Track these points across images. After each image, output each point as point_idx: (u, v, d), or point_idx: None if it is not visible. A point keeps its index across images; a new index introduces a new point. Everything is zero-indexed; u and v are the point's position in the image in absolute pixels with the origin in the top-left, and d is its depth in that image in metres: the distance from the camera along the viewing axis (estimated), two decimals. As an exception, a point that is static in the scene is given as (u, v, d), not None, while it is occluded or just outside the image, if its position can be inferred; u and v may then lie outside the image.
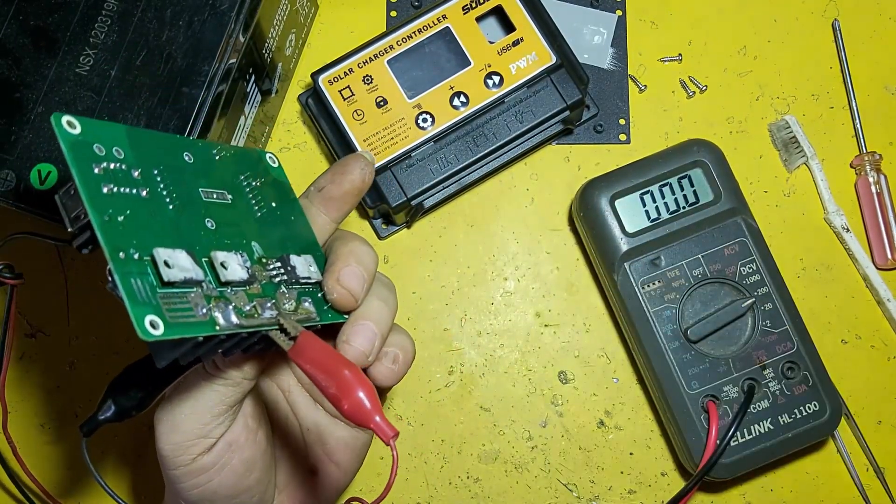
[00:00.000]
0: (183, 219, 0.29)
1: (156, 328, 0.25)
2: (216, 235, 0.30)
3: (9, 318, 0.47)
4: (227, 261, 0.29)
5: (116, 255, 0.26)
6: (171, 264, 0.27)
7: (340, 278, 0.31)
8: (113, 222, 0.26)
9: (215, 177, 0.31)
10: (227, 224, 0.31)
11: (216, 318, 0.27)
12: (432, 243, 0.53)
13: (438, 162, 0.49)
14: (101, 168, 0.27)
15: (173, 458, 0.32)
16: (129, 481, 0.51)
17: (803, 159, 0.52)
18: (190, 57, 0.40)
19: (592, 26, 0.54)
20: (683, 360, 0.47)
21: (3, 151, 0.40)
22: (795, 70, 0.54)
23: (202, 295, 0.27)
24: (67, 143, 0.26)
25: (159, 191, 0.29)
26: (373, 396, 0.28)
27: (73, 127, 0.27)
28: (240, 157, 0.33)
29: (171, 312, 0.26)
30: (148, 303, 0.25)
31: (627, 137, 0.53)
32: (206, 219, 0.30)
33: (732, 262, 0.48)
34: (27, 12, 0.41)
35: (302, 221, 0.34)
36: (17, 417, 0.51)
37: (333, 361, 0.28)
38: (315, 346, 0.29)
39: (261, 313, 0.29)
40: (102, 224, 0.26)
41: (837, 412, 0.47)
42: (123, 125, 0.29)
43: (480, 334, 0.52)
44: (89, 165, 0.27)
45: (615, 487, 0.51)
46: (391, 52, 0.49)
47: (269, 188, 0.33)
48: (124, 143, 0.28)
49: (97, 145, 0.27)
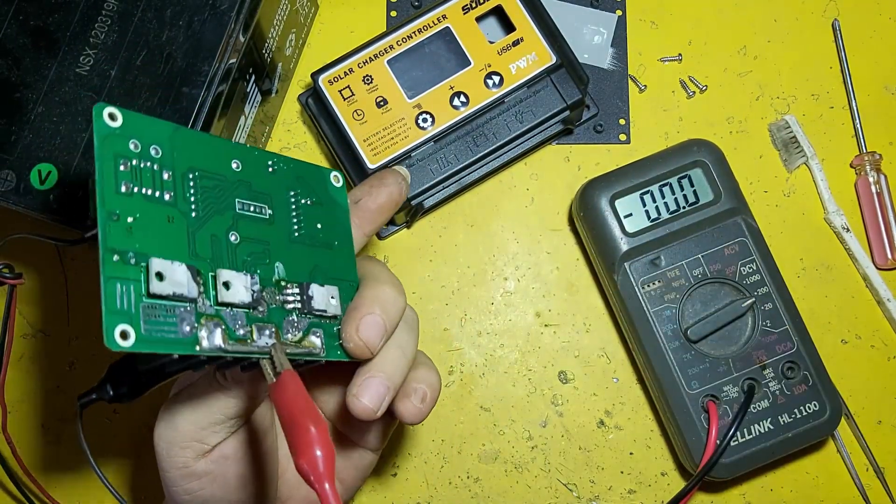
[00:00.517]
0: (203, 229, 0.28)
1: (125, 339, 0.24)
2: (236, 250, 0.29)
3: (8, 318, 0.47)
4: (231, 281, 0.28)
5: (110, 256, 0.25)
6: (164, 276, 0.26)
7: (360, 329, 0.30)
8: (120, 222, 0.26)
9: (261, 189, 0.30)
10: (254, 240, 0.30)
11: (200, 337, 0.26)
12: (432, 243, 0.53)
13: (438, 162, 0.49)
14: (127, 165, 0.26)
15: (167, 457, 0.32)
16: (129, 482, 0.51)
17: (803, 159, 0.52)
18: (190, 57, 0.40)
19: (592, 26, 0.54)
20: (683, 359, 0.47)
21: (3, 151, 0.40)
22: (795, 70, 0.54)
23: (194, 311, 0.27)
24: (100, 136, 0.26)
25: (187, 196, 0.28)
26: (329, 461, 0.26)
27: (115, 119, 0.26)
28: (299, 173, 0.32)
29: (150, 325, 0.25)
30: (126, 312, 0.25)
31: (627, 137, 0.53)
32: (230, 231, 0.29)
33: (732, 262, 0.48)
34: (27, 12, 0.41)
35: (346, 248, 0.33)
36: (17, 417, 0.51)
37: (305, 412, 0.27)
38: (293, 389, 0.27)
39: (255, 339, 0.28)
40: (106, 222, 0.25)
41: (837, 412, 0.47)
42: (172, 124, 0.28)
43: (480, 334, 0.52)
44: (115, 161, 0.26)
45: (615, 487, 0.51)
46: (391, 52, 0.49)
47: (319, 209, 0.32)
48: (165, 143, 0.27)
49: (134, 141, 0.27)
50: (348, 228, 0.34)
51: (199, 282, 0.27)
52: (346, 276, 0.33)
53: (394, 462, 0.51)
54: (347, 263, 0.33)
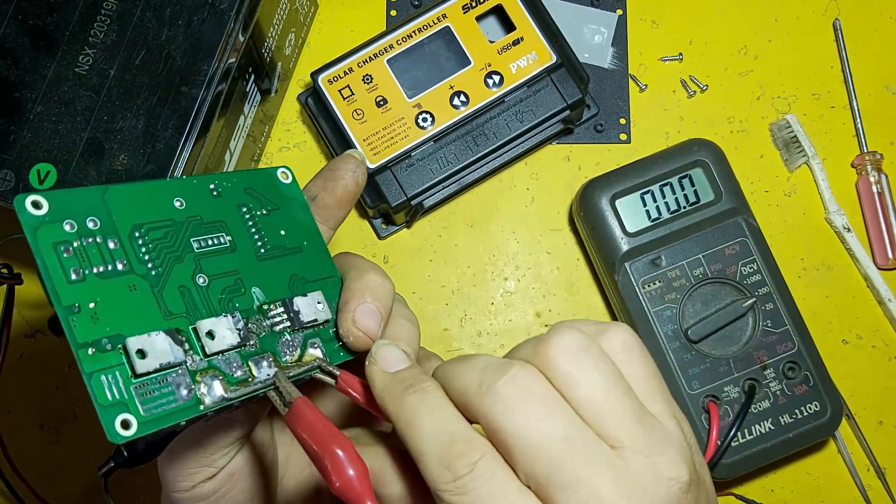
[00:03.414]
0: (168, 284, 0.27)
1: (128, 428, 0.24)
2: (208, 292, 0.28)
3: (7, 318, 0.47)
4: (214, 329, 0.27)
5: (85, 352, 0.24)
6: (146, 352, 0.25)
7: (356, 320, 0.29)
8: (83, 313, 0.24)
9: (212, 218, 0.29)
10: (223, 274, 0.28)
11: (201, 395, 0.26)
12: (432, 243, 0.52)
13: (438, 162, 0.48)
14: (69, 250, 0.25)
15: (175, 482, 0.31)
16: (130, 482, 0.51)
17: (804, 159, 0.52)
18: (189, 56, 0.40)
19: (593, 25, 0.54)
20: (684, 360, 0.47)
21: (2, 151, 0.40)
22: (796, 69, 0.54)
23: (186, 373, 0.26)
24: (31, 229, 0.24)
25: (141, 257, 0.26)
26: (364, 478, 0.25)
27: (40, 207, 0.25)
28: (246, 185, 0.31)
29: (146, 404, 0.24)
30: (120, 401, 0.24)
31: (628, 137, 0.53)
32: (196, 275, 0.28)
33: (733, 262, 0.48)
34: (26, 12, 0.41)
35: (317, 244, 0.32)
36: (17, 417, 0.51)
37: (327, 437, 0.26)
38: (309, 416, 0.27)
39: (256, 375, 0.27)
40: (68, 318, 0.24)
41: (838, 412, 0.47)
42: (100, 187, 0.26)
43: (480, 334, 0.52)
44: (55, 251, 0.24)
45: (615, 488, 0.50)
46: (391, 52, 0.49)
47: (278, 215, 0.31)
48: (100, 210, 0.26)
49: (68, 221, 0.25)
50: (312, 223, 0.32)
51: (183, 340, 0.26)
52: (326, 273, 0.32)
53: (394, 462, 0.51)
54: (323, 259, 0.32)
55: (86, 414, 0.52)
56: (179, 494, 0.32)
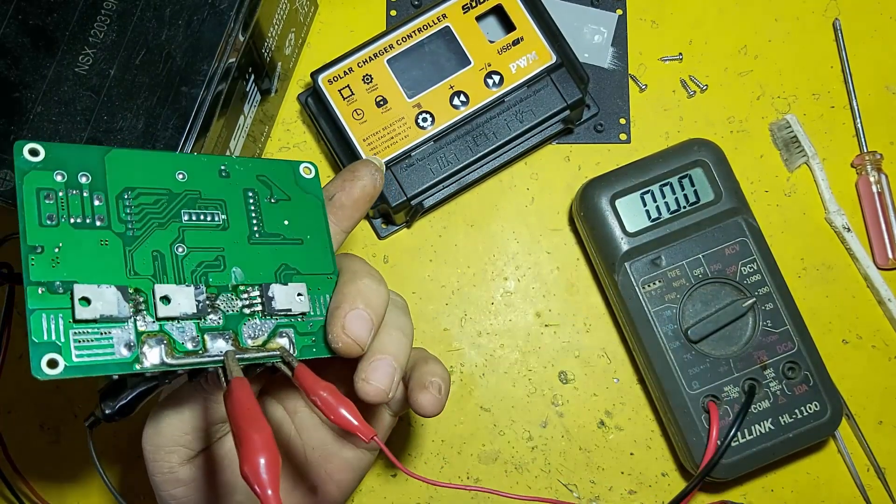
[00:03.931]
0: (143, 247, 0.28)
1: (54, 367, 0.25)
2: (182, 262, 0.29)
3: (7, 318, 0.47)
4: (170, 294, 0.28)
5: (35, 290, 0.26)
6: (91, 301, 0.26)
7: (346, 326, 0.29)
8: (44, 255, 0.26)
9: (212, 195, 0.30)
10: (205, 248, 0.30)
11: (141, 356, 0.27)
12: (432, 243, 0.53)
13: (438, 161, 0.48)
14: (52, 197, 0.27)
15: (153, 461, 0.32)
16: (128, 482, 0.51)
17: (804, 159, 0.52)
18: (189, 56, 0.40)
19: (593, 25, 0.54)
20: (684, 360, 0.47)
21: (3, 151, 0.40)
22: (796, 69, 0.54)
23: (133, 330, 0.27)
24: (20, 172, 0.26)
25: (123, 217, 0.28)
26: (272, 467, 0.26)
27: (36, 154, 0.27)
28: (261, 172, 0.32)
29: (81, 350, 0.26)
30: (53, 342, 0.25)
31: (628, 137, 0.53)
32: (176, 244, 0.29)
33: (733, 262, 0.48)
34: (26, 11, 0.41)
35: (320, 240, 0.32)
36: (17, 417, 0.51)
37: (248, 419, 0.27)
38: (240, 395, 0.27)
39: (209, 349, 0.28)
40: (28, 256, 0.26)
41: (838, 412, 0.47)
42: (102, 148, 0.28)
43: (480, 334, 0.52)
44: (37, 195, 0.27)
45: (615, 488, 0.51)
46: (391, 52, 0.49)
47: (286, 205, 0.32)
48: (95, 168, 0.28)
49: (59, 172, 0.27)
50: (322, 220, 0.33)
51: (140, 301, 0.27)
52: (323, 269, 0.32)
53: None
54: (323, 256, 0.32)
55: (86, 414, 0.51)
56: (158, 477, 0.32)
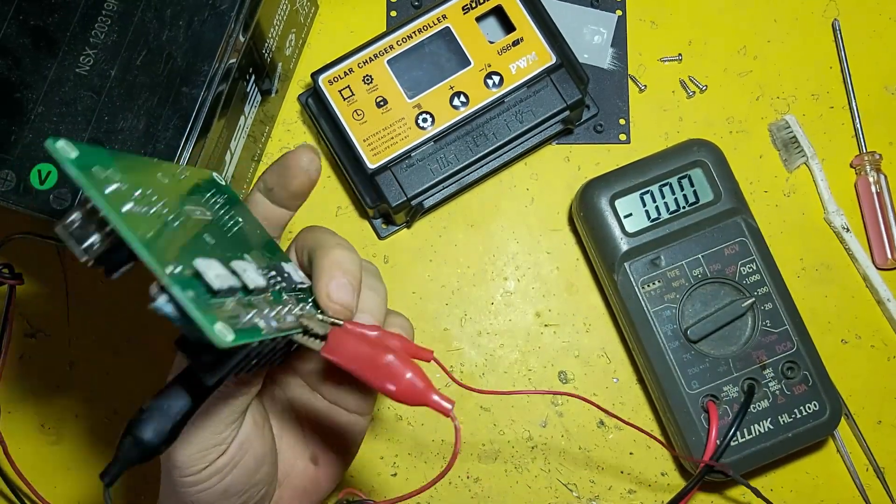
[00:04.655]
0: (190, 234, 0.27)
1: (227, 335, 0.24)
2: (219, 249, 0.28)
3: (8, 318, 0.47)
4: (246, 269, 0.27)
5: (164, 269, 0.23)
6: (214, 274, 0.25)
7: (331, 295, 0.30)
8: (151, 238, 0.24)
9: (188, 195, 0.30)
10: (220, 237, 0.29)
11: (258, 323, 0.26)
12: (432, 243, 0.53)
13: (438, 162, 0.49)
14: (111, 189, 0.24)
15: (188, 466, 0.32)
16: (128, 482, 0.51)
17: (803, 159, 0.52)
18: (190, 57, 0.40)
19: (592, 26, 0.54)
20: (683, 359, 0.47)
21: (3, 151, 0.40)
22: (795, 70, 0.54)
23: (241, 303, 0.26)
24: (77, 167, 0.24)
25: (160, 208, 0.27)
26: (421, 375, 0.28)
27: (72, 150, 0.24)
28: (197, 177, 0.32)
29: (227, 321, 0.24)
30: (211, 311, 0.24)
31: (627, 137, 0.53)
32: (204, 234, 0.28)
33: (732, 262, 0.48)
34: (27, 12, 0.41)
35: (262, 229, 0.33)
36: (17, 417, 0.51)
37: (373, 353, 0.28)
38: (351, 340, 0.29)
39: (284, 318, 0.28)
40: (141, 239, 0.23)
41: (837, 412, 0.47)
42: (104, 148, 0.27)
43: (480, 334, 0.52)
44: (103, 186, 0.24)
45: (615, 487, 0.51)
46: (391, 52, 0.49)
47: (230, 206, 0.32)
48: (113, 166, 0.26)
49: (96, 168, 0.25)
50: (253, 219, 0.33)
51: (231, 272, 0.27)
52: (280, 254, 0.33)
53: (394, 462, 0.51)
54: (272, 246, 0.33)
55: (85, 414, 0.52)
56: (192, 477, 0.32)
